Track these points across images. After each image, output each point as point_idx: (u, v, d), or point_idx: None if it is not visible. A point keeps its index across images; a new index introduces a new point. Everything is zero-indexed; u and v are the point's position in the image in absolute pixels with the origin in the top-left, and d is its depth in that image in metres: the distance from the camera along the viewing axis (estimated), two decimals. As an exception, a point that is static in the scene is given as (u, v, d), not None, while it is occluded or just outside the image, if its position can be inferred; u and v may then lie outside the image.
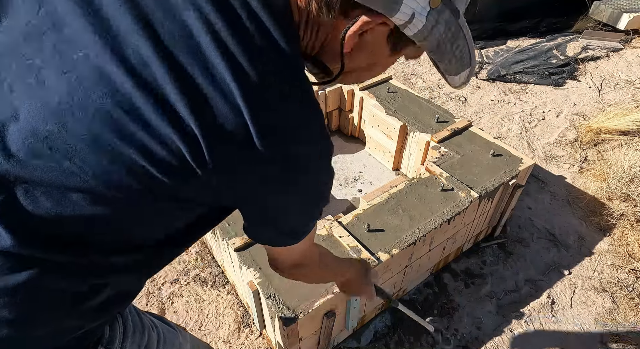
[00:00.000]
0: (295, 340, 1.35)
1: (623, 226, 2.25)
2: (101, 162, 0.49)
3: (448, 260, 2.02)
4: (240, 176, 0.53)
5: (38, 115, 0.48)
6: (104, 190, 0.51)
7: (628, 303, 1.93)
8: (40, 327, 0.57)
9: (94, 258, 0.57)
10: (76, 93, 0.48)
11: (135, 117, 0.48)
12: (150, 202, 0.54)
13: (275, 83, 0.51)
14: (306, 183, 0.59)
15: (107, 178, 0.50)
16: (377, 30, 0.56)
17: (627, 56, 3.65)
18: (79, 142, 0.48)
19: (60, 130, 0.48)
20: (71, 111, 0.48)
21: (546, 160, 2.68)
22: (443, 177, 1.77)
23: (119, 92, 0.47)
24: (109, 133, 0.48)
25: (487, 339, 1.77)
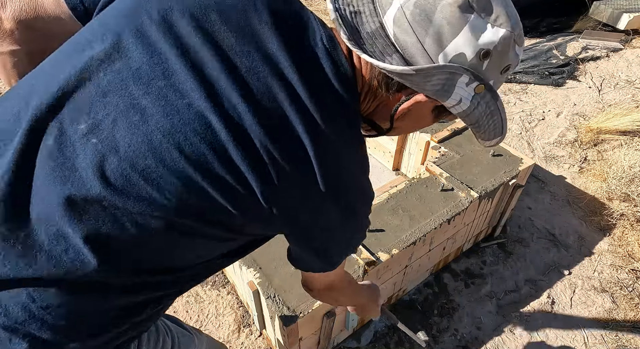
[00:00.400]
0: (295, 340, 1.35)
1: (623, 226, 2.25)
2: (187, 196, 0.56)
3: (448, 260, 2.02)
4: (301, 212, 0.62)
5: (139, 150, 0.54)
6: (183, 220, 0.58)
7: (628, 303, 1.93)
8: (93, 338, 0.62)
9: (150, 277, 0.63)
10: (177, 135, 0.54)
11: (225, 163, 0.55)
12: (214, 232, 0.62)
13: (339, 138, 0.60)
14: (355, 221, 0.68)
15: (188, 210, 0.57)
16: (425, 104, 0.64)
17: (627, 56, 3.65)
18: (172, 178, 0.55)
19: (158, 166, 0.54)
20: (170, 150, 0.54)
21: (546, 160, 2.68)
22: (443, 177, 1.77)
23: (215, 140, 0.55)
24: (200, 173, 0.55)
25: (487, 339, 1.77)
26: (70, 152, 0.54)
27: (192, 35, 0.56)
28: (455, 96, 0.60)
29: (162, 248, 0.60)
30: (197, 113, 0.54)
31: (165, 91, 0.55)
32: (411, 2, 0.57)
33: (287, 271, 1.38)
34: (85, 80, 0.56)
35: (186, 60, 0.55)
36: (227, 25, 0.57)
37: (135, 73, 0.55)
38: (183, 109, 0.55)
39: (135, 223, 0.56)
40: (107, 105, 0.55)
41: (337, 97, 0.60)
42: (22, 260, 0.55)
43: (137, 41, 0.56)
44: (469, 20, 0.56)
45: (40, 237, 0.55)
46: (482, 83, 0.59)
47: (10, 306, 0.56)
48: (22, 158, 0.55)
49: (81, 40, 0.59)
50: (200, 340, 0.99)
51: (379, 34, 0.59)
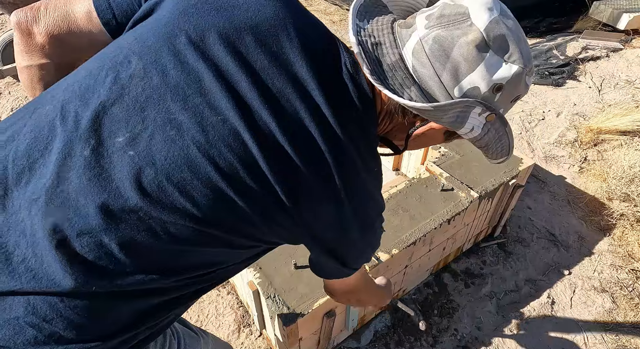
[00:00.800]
0: (295, 340, 1.35)
1: (623, 226, 2.25)
2: (218, 208, 0.59)
3: (448, 260, 2.02)
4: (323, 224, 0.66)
5: (175, 163, 0.57)
6: (212, 230, 0.61)
7: (628, 303, 1.93)
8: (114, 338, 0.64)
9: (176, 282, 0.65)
10: (212, 150, 0.57)
11: (255, 177, 0.59)
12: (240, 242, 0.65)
13: (359, 156, 0.64)
14: (371, 231, 0.73)
15: (218, 221, 0.60)
16: (439, 130, 0.69)
17: (627, 56, 3.65)
18: (205, 190, 0.58)
19: (192, 178, 0.57)
20: (204, 164, 0.57)
21: (546, 160, 2.68)
22: (443, 177, 1.77)
23: (247, 155, 0.58)
24: (232, 186, 0.58)
25: (487, 339, 1.77)
26: (107, 164, 0.57)
27: (227, 56, 0.59)
28: (469, 125, 0.64)
29: (190, 255, 0.63)
30: (231, 129, 0.58)
31: (202, 108, 0.58)
32: (430, 36, 0.61)
33: (287, 271, 1.38)
34: (124, 95, 0.58)
35: (221, 80, 0.58)
36: (260, 48, 0.60)
37: (173, 89, 0.58)
38: (218, 125, 0.58)
39: (168, 232, 0.59)
40: (144, 119, 0.58)
41: (358, 118, 0.64)
42: None
43: (174, 59, 0.59)
44: (484, 58, 0.59)
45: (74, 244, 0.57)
46: (493, 113, 0.63)
47: (39, 304, 0.57)
48: (63, 168, 0.57)
49: (119, 55, 0.61)
50: (205, 341, 0.99)
51: (399, 66, 0.63)
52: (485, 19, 0.59)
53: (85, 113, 0.58)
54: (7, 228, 0.57)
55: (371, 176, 0.69)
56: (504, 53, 0.60)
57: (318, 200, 0.63)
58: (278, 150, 0.59)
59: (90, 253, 0.57)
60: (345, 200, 0.64)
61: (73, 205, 0.56)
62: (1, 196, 0.58)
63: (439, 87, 0.62)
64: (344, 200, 0.64)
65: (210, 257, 0.67)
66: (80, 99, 0.59)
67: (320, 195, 0.62)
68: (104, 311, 0.61)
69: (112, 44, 0.65)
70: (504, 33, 0.60)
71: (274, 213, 0.62)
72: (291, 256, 1.39)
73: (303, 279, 1.36)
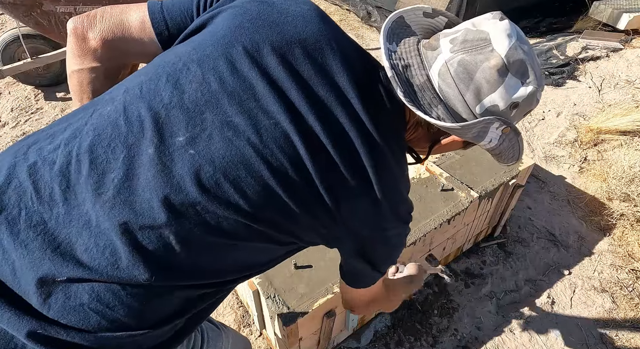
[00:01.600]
0: (295, 340, 1.35)
1: (623, 226, 2.25)
2: (267, 204, 0.65)
3: (448, 260, 2.02)
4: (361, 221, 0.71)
5: (232, 161, 0.63)
6: (259, 225, 0.66)
7: (628, 303, 1.93)
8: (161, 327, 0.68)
9: (217, 277, 0.70)
10: (265, 150, 0.63)
11: (302, 176, 0.65)
12: (280, 238, 0.70)
13: (393, 158, 0.70)
14: (403, 227, 0.77)
15: (266, 216, 0.66)
16: (460, 141, 0.78)
17: (627, 56, 3.65)
18: (258, 187, 0.63)
19: (247, 176, 0.63)
20: (258, 163, 0.63)
21: (546, 160, 2.68)
22: (443, 177, 1.77)
23: (296, 156, 0.64)
24: (281, 184, 0.64)
25: (487, 339, 1.77)
26: (169, 161, 0.62)
27: (278, 66, 0.65)
28: (488, 138, 0.71)
29: (237, 251, 0.68)
30: (282, 132, 0.64)
31: (256, 112, 0.64)
32: (455, 60, 0.67)
33: (287, 271, 1.38)
34: (184, 99, 0.64)
35: (273, 87, 0.64)
36: (308, 59, 0.67)
37: (229, 95, 0.64)
38: (271, 128, 0.64)
39: (221, 226, 0.64)
40: (204, 121, 0.63)
41: (392, 123, 0.72)
42: None
43: (230, 67, 0.65)
44: (504, 81, 0.66)
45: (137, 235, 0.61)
46: (508, 126, 0.69)
47: (102, 292, 0.61)
48: (131, 165, 0.62)
49: (178, 62, 0.67)
50: (227, 334, 1.02)
51: (427, 87, 0.70)
52: (506, 45, 0.66)
53: (148, 114, 0.63)
54: (69, 219, 0.61)
55: (402, 176, 0.75)
56: (522, 76, 0.67)
57: (355, 197, 0.68)
58: (322, 151, 0.65)
59: (151, 244, 0.61)
60: (381, 197, 0.69)
61: (139, 200, 0.61)
62: (64, 189, 0.61)
63: (462, 106, 0.68)
64: (380, 197, 0.69)
65: (254, 254, 0.72)
66: (143, 101, 0.65)
67: (357, 192, 0.68)
68: (159, 300, 0.65)
69: (169, 52, 0.70)
70: (522, 58, 0.66)
71: (315, 209, 0.67)
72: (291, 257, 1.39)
73: (303, 279, 1.36)
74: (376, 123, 0.68)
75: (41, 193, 0.61)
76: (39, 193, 0.61)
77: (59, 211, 0.61)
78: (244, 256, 0.71)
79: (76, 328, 0.61)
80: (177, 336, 0.73)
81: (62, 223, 0.60)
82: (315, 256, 1.41)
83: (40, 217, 0.60)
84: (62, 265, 0.59)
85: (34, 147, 0.65)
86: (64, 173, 0.62)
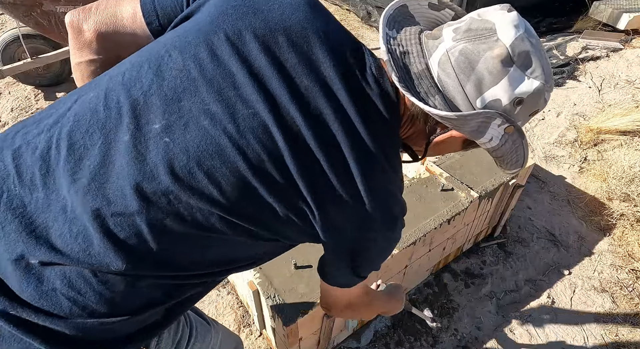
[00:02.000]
0: (295, 340, 1.35)
1: (623, 226, 2.25)
2: (242, 196, 0.62)
3: (448, 260, 2.02)
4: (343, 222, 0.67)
5: (207, 150, 0.61)
6: (234, 218, 0.64)
7: (628, 303, 1.93)
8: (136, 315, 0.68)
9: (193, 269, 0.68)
10: (241, 140, 0.61)
11: (279, 168, 0.62)
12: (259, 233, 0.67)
13: (382, 156, 0.66)
14: (390, 231, 0.73)
15: (241, 209, 0.63)
16: (459, 138, 0.71)
17: (627, 56, 3.65)
18: (232, 178, 0.61)
19: (221, 166, 0.61)
20: (233, 153, 0.61)
21: (546, 160, 2.68)
22: (443, 177, 1.77)
23: (274, 148, 0.62)
24: (257, 176, 0.62)
25: (487, 339, 1.77)
26: (143, 148, 0.61)
27: (260, 54, 0.63)
28: (488, 135, 0.66)
29: (214, 243, 0.66)
30: (260, 122, 0.62)
31: (234, 100, 0.62)
32: (457, 49, 0.63)
33: (287, 271, 1.38)
34: (163, 86, 0.63)
35: (253, 75, 0.62)
36: (292, 48, 0.64)
37: (208, 82, 0.62)
38: (249, 118, 0.62)
39: (195, 218, 0.62)
40: (181, 109, 0.62)
41: (382, 119, 0.67)
42: None
43: (211, 55, 0.63)
44: (508, 72, 0.62)
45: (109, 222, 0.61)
46: (512, 125, 0.65)
47: (74, 278, 0.61)
48: (107, 152, 0.61)
49: (161, 50, 0.66)
50: (216, 330, 1.01)
51: (425, 75, 0.66)
52: (512, 35, 0.62)
53: (127, 101, 0.63)
54: (47, 204, 0.61)
55: (393, 176, 0.70)
56: (527, 69, 0.62)
57: (341, 198, 0.65)
58: (302, 144, 0.62)
59: (123, 232, 0.61)
60: (367, 198, 0.65)
61: (112, 186, 0.60)
62: (44, 174, 0.62)
63: (462, 98, 0.64)
64: (365, 198, 0.65)
65: (234, 249, 0.69)
66: (123, 88, 0.64)
67: (341, 191, 0.64)
68: (132, 289, 0.64)
69: (155, 41, 0.70)
70: (528, 50, 0.62)
71: (294, 205, 0.64)
72: (291, 256, 1.39)
73: (303, 279, 1.36)
74: (364, 116, 0.65)
75: (23, 177, 0.62)
76: (21, 177, 0.62)
77: (38, 195, 0.61)
78: (223, 250, 0.69)
79: (48, 312, 0.61)
80: (155, 326, 0.72)
81: (41, 208, 0.61)
82: (315, 256, 1.40)
83: (21, 201, 0.61)
84: (36, 248, 0.60)
85: (21, 132, 0.66)
86: (44, 158, 0.62)
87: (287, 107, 0.62)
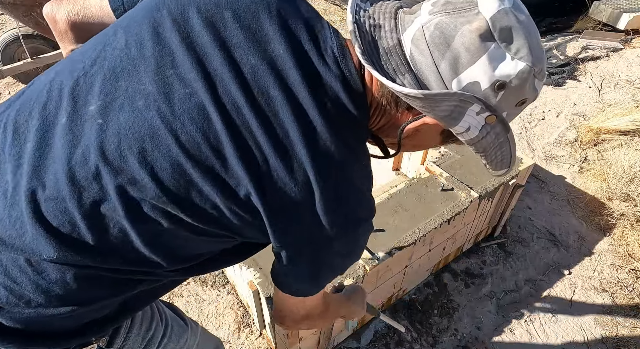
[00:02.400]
0: (295, 340, 1.35)
1: (623, 226, 2.25)
2: (178, 183, 0.57)
3: (448, 260, 2.02)
4: (292, 224, 0.60)
5: (138, 133, 0.56)
6: (171, 207, 0.58)
7: (628, 303, 1.93)
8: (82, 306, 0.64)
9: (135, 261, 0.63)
10: (175, 122, 0.56)
11: (217, 154, 0.56)
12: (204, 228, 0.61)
13: (342, 152, 0.59)
14: (352, 232, 0.65)
15: (177, 198, 0.58)
16: (434, 127, 0.63)
17: (627, 56, 3.65)
18: (165, 164, 0.56)
19: (153, 150, 0.56)
20: (166, 136, 0.56)
21: (546, 160, 2.68)
22: (443, 177, 1.77)
23: (210, 131, 0.56)
24: (192, 161, 0.56)
25: (487, 339, 1.77)
26: (79, 131, 0.58)
27: (203, 30, 0.59)
28: (464, 123, 0.59)
29: (149, 235, 0.60)
30: (197, 103, 0.56)
31: (171, 80, 0.57)
32: (432, 23, 0.56)
33: (287, 271, 1.38)
34: (104, 66, 0.60)
35: (193, 53, 0.58)
36: (238, 23, 0.59)
37: (146, 61, 0.58)
38: (184, 98, 0.57)
39: (128, 206, 0.57)
40: (117, 89, 0.58)
41: (343, 107, 0.60)
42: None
43: (152, 32, 0.60)
44: (488, 50, 0.54)
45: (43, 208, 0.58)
46: (494, 114, 0.58)
47: (10, 266, 0.59)
48: (46, 134, 0.59)
49: (110, 30, 0.64)
50: (194, 332, 0.98)
51: (395, 51, 0.58)
52: (494, 7, 0.54)
53: (68, 83, 0.60)
54: None
55: (356, 169, 0.62)
56: (510, 47, 0.55)
57: (286, 187, 0.57)
58: (244, 129, 0.56)
59: (55, 219, 0.57)
60: (322, 196, 0.58)
61: (48, 170, 0.58)
62: None
63: (436, 78, 0.56)
64: (320, 196, 0.58)
65: (180, 244, 0.63)
66: (69, 70, 0.62)
67: (289, 182, 0.57)
68: (66, 281, 0.60)
69: (112, 24, 0.67)
70: (512, 25, 0.54)
71: (235, 195, 0.58)
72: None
73: (303, 279, 1.36)
74: (319, 101, 0.58)
75: None
76: None
77: None
78: (166, 244, 0.63)
79: None
80: (107, 320, 0.69)
81: None
82: (315, 256, 1.40)
83: None
84: None
85: None
86: None
87: (227, 86, 0.57)
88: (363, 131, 0.64)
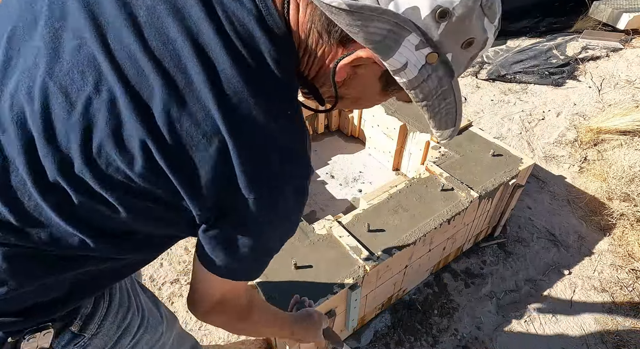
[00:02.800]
0: (295, 340, 1.35)
1: (623, 226, 2.25)
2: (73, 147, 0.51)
3: (448, 259, 2.02)
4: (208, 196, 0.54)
5: (27, 94, 0.52)
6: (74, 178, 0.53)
7: (628, 303, 1.93)
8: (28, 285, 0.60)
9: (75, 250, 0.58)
10: (64, 78, 0.51)
11: (111, 109, 0.50)
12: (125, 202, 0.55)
13: (263, 106, 0.52)
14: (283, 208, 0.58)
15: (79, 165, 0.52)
16: (371, 67, 0.56)
17: (627, 56, 3.65)
18: (58, 125, 0.51)
19: (45, 109, 0.51)
20: (56, 94, 0.51)
21: (546, 160, 2.68)
22: (443, 177, 1.77)
23: (102, 83, 0.51)
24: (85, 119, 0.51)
25: (487, 339, 1.77)
26: None
27: None
28: (400, 57, 0.51)
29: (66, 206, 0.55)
30: (87, 54, 0.51)
31: (60, 32, 0.52)
32: None
33: (287, 271, 1.38)
34: (19, 24, 0.55)
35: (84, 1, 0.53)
36: None
37: (37, 15, 0.54)
38: (73, 51, 0.51)
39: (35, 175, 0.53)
40: (20, 49, 0.54)
41: (258, 49, 0.52)
42: None
43: None
44: None
45: None
46: (435, 52, 0.51)
47: None
48: None
49: None
50: (170, 327, 0.97)
51: None
52: None
53: None
54: None
55: (279, 121, 0.54)
56: None
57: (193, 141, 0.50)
58: (141, 78, 0.50)
59: None
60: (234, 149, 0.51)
61: None
62: None
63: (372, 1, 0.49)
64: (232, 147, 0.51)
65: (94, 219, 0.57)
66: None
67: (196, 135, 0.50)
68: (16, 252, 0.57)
69: None
70: None
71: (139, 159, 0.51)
72: (291, 256, 1.39)
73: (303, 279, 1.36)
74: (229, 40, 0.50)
75: None
76: None
77: None
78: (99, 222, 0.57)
79: None
80: (56, 302, 0.64)
81: None
82: (315, 256, 1.41)
83: None
84: None
85: None
86: None
87: (119, 31, 0.50)
88: (288, 76, 0.55)
